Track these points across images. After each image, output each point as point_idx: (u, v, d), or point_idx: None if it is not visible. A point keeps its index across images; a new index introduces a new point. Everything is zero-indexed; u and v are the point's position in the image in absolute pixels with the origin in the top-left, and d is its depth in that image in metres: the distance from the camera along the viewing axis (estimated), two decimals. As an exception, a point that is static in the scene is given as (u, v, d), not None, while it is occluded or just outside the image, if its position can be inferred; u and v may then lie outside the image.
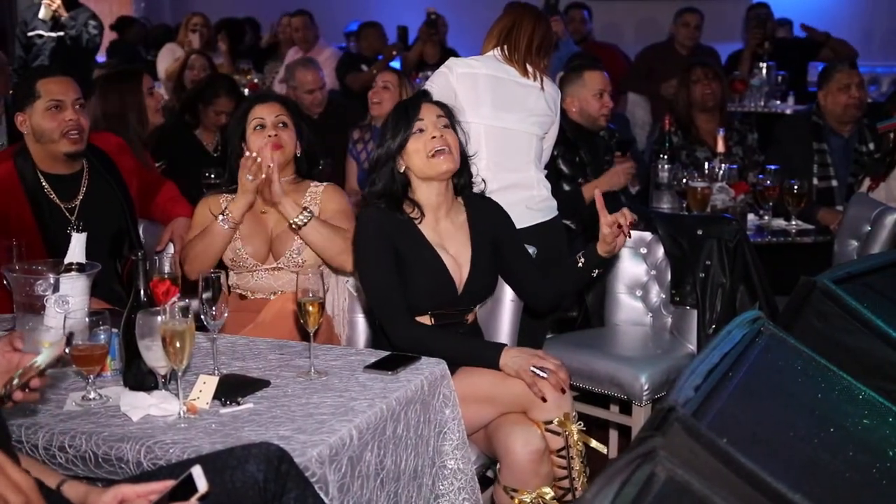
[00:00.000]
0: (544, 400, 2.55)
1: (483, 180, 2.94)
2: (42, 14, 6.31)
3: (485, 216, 2.86)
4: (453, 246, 2.81)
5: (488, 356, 2.63)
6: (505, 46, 3.54)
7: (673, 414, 1.59)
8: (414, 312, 2.72)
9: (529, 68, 3.53)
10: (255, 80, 6.98)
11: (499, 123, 3.46)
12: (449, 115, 2.80)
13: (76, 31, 6.37)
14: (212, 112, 4.70)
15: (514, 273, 2.91)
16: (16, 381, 1.80)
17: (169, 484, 1.72)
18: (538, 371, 2.57)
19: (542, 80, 3.55)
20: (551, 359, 2.62)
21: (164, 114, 4.60)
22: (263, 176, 2.91)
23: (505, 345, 2.70)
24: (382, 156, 2.76)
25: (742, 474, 1.50)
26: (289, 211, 2.92)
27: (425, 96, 2.84)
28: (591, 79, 4.19)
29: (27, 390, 1.82)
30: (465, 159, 2.83)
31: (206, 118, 4.72)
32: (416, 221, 2.77)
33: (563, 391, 2.57)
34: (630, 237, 2.75)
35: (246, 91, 6.51)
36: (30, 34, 6.43)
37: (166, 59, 6.97)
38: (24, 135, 3.13)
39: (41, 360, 1.84)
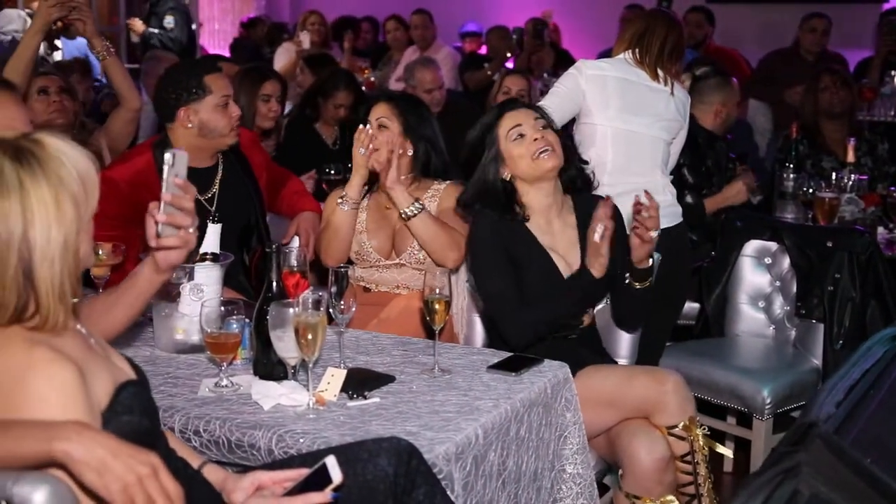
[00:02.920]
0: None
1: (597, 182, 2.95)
2: (133, 38, 6.56)
3: (590, 216, 2.83)
4: (564, 246, 2.81)
5: (582, 278, 2.68)
6: (636, 50, 3.51)
7: (815, 430, 1.55)
8: None
9: (660, 72, 3.50)
10: (372, 79, 7.07)
11: (626, 126, 3.42)
12: (544, 116, 2.84)
13: (158, 24, 6.59)
14: (331, 105, 4.79)
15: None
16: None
17: (303, 472, 1.76)
18: (597, 236, 2.60)
19: (672, 85, 3.52)
20: (599, 226, 2.62)
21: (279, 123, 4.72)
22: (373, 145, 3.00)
23: (582, 265, 2.71)
24: (488, 163, 2.81)
25: (888, 496, 1.46)
26: (400, 200, 2.96)
27: (514, 105, 2.89)
28: (731, 88, 4.21)
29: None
30: (569, 155, 2.84)
31: (325, 112, 4.82)
32: (527, 223, 2.79)
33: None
34: (651, 237, 2.68)
35: (363, 89, 6.62)
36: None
37: (282, 58, 7.11)
38: (167, 127, 3.19)
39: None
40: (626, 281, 2.74)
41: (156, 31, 6.70)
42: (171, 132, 3.17)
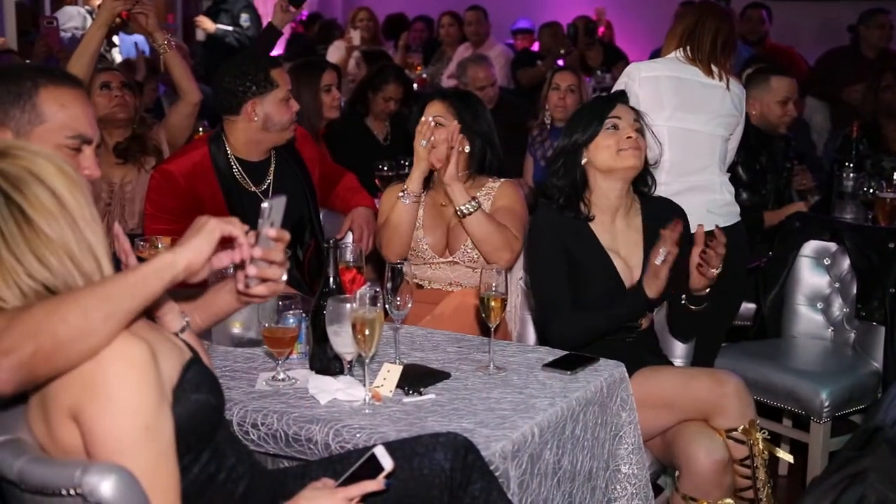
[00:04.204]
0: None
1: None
2: (199, 36, 6.61)
3: (661, 220, 2.81)
4: (625, 248, 2.79)
5: (639, 299, 2.66)
6: (688, 47, 3.45)
7: (880, 434, 1.53)
8: None
9: (714, 68, 3.43)
10: (424, 76, 7.09)
11: (682, 125, 3.38)
12: (640, 120, 2.80)
13: (231, 22, 6.64)
14: (381, 99, 4.81)
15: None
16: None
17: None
18: (659, 260, 2.57)
19: (727, 80, 3.45)
20: (661, 249, 2.58)
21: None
22: (434, 138, 3.00)
23: (639, 282, 2.68)
24: (568, 146, 2.77)
25: (956, 502, 1.43)
26: (457, 196, 2.96)
27: (623, 97, 2.85)
28: (779, 84, 4.09)
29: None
30: (647, 166, 2.82)
31: (375, 106, 4.84)
32: (590, 222, 2.77)
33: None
34: (713, 274, 2.63)
35: (415, 86, 6.63)
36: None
37: (333, 56, 7.16)
38: (226, 120, 3.22)
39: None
40: (682, 302, 2.72)
41: (230, 28, 6.76)
42: (231, 125, 3.20)
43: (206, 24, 6.71)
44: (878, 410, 1.63)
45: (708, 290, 2.69)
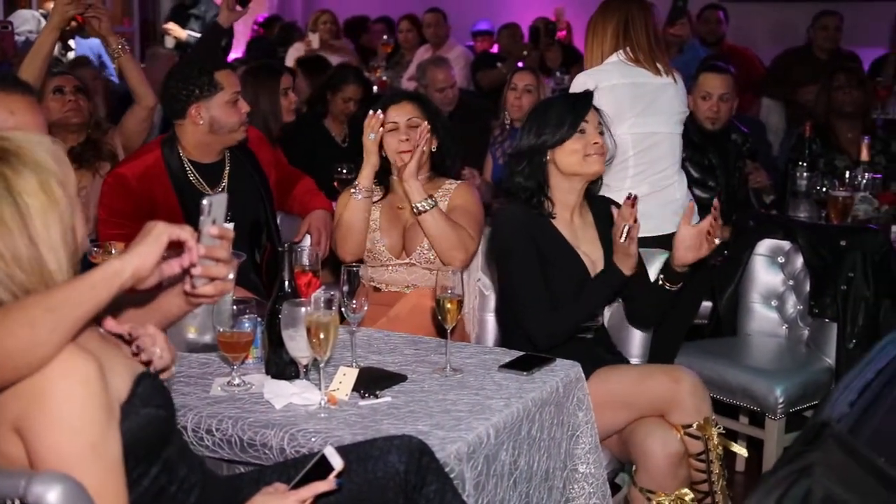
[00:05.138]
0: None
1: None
2: (167, 44, 6.54)
3: (608, 217, 2.83)
4: (586, 244, 2.81)
5: (615, 279, 2.67)
6: (627, 48, 3.37)
7: (828, 429, 1.54)
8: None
9: (659, 66, 3.38)
10: (384, 78, 7.08)
11: (644, 129, 3.35)
12: (604, 122, 2.82)
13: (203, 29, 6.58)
14: (339, 100, 4.80)
15: None
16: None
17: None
18: (623, 238, 2.58)
19: (673, 75, 3.42)
20: (624, 227, 2.60)
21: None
22: (382, 130, 3.00)
23: (611, 264, 2.69)
24: (538, 146, 2.76)
25: (902, 497, 1.45)
26: (414, 194, 2.96)
27: (592, 98, 2.83)
28: (704, 80, 4.13)
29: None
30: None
31: (334, 107, 4.82)
32: (552, 219, 2.78)
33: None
34: (716, 243, 2.65)
35: (375, 89, 6.63)
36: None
37: (292, 58, 7.13)
38: (176, 124, 3.21)
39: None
40: (659, 281, 2.72)
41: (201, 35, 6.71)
42: (181, 128, 3.20)
43: (177, 32, 6.66)
44: (825, 405, 1.65)
45: (686, 270, 2.70)
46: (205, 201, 1.70)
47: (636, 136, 3.34)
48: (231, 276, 1.76)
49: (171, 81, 3.17)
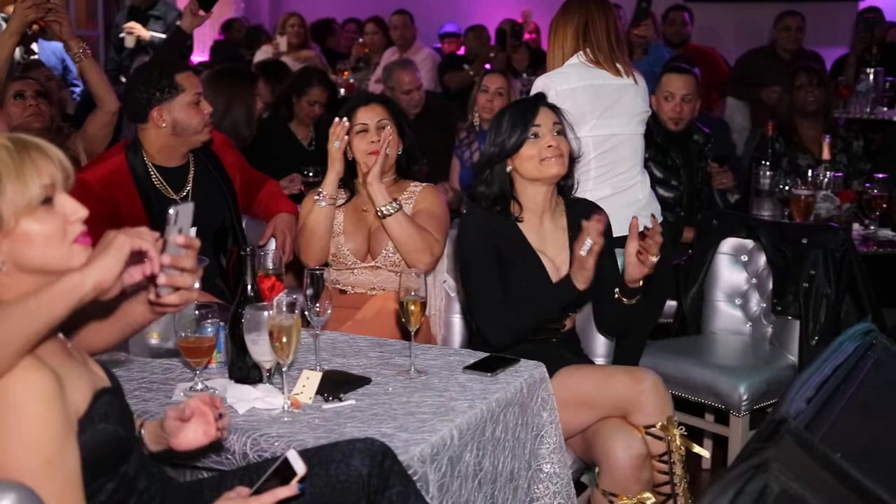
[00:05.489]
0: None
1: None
2: (128, 43, 6.46)
3: (585, 218, 2.84)
4: (553, 248, 2.82)
5: (568, 291, 2.66)
6: (587, 49, 3.35)
7: (785, 426, 1.56)
8: None
9: (619, 66, 3.37)
10: (351, 81, 7.07)
11: (604, 132, 3.34)
12: (562, 121, 2.81)
13: (165, 30, 6.51)
14: (305, 103, 4.78)
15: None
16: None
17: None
18: (584, 250, 2.57)
19: (633, 75, 3.42)
20: (586, 241, 2.59)
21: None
22: (347, 138, 2.98)
23: (567, 275, 2.68)
24: (496, 155, 2.77)
25: (856, 490, 1.47)
26: (378, 197, 2.95)
27: (543, 100, 2.83)
28: (665, 80, 4.15)
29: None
30: (571, 163, 2.84)
31: (299, 110, 4.81)
32: (519, 223, 2.79)
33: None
34: (652, 262, 2.62)
35: (342, 91, 6.61)
36: (120, 35, 6.60)
37: (260, 61, 7.10)
38: (139, 128, 3.19)
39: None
40: (616, 295, 2.73)
41: (164, 36, 6.63)
42: (144, 132, 3.19)
43: (141, 32, 6.58)
44: (783, 402, 1.67)
45: (642, 283, 2.69)
46: (171, 211, 1.69)
47: (597, 139, 3.33)
48: (196, 285, 1.75)
49: (132, 85, 3.16)
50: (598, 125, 3.33)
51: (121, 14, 6.86)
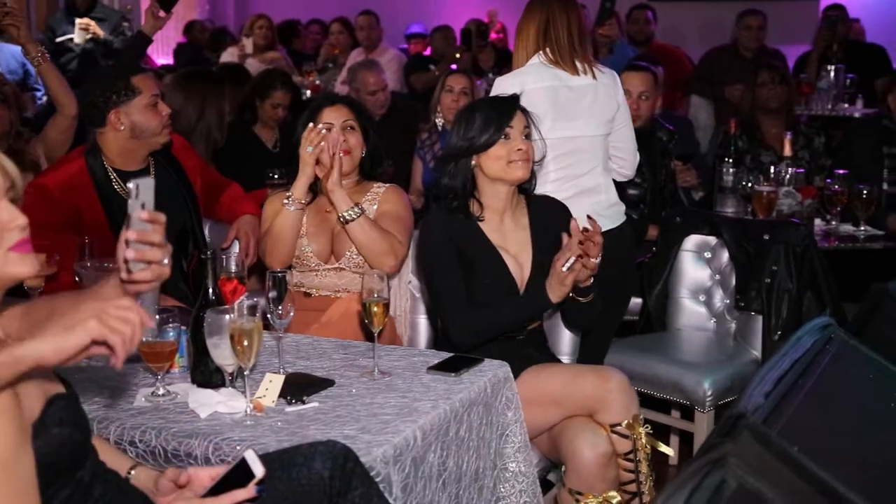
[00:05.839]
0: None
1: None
2: (77, 38, 6.36)
3: (547, 217, 2.85)
4: (515, 247, 2.82)
5: (542, 303, 2.67)
6: (547, 49, 3.31)
7: (743, 421, 1.57)
8: None
9: (579, 64, 3.31)
10: (318, 82, 7.05)
11: (563, 133, 3.26)
12: (531, 124, 2.81)
13: (111, 35, 6.43)
14: (269, 106, 4.77)
15: None
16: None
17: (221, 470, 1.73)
18: (566, 267, 2.57)
19: (592, 72, 3.33)
20: (570, 258, 2.58)
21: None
22: (323, 144, 2.96)
23: (543, 287, 2.67)
24: (464, 149, 2.76)
25: (814, 484, 1.48)
26: (340, 203, 2.94)
27: (518, 102, 2.82)
28: (624, 79, 4.08)
29: None
30: (534, 166, 2.84)
31: (263, 113, 4.79)
32: (480, 222, 2.79)
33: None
34: (593, 264, 2.62)
35: (308, 93, 6.59)
36: (58, 40, 6.49)
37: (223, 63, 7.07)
38: (97, 133, 3.17)
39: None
40: (570, 294, 2.72)
41: (112, 38, 6.54)
42: (102, 136, 3.17)
43: (96, 29, 6.48)
44: (742, 397, 1.68)
45: (592, 281, 2.69)
46: (131, 184, 1.69)
47: (553, 141, 3.17)
48: (166, 260, 1.74)
49: (88, 89, 3.15)
50: (556, 127, 3.23)
51: (55, 18, 6.72)
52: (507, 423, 2.46)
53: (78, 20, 6.30)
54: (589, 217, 2.66)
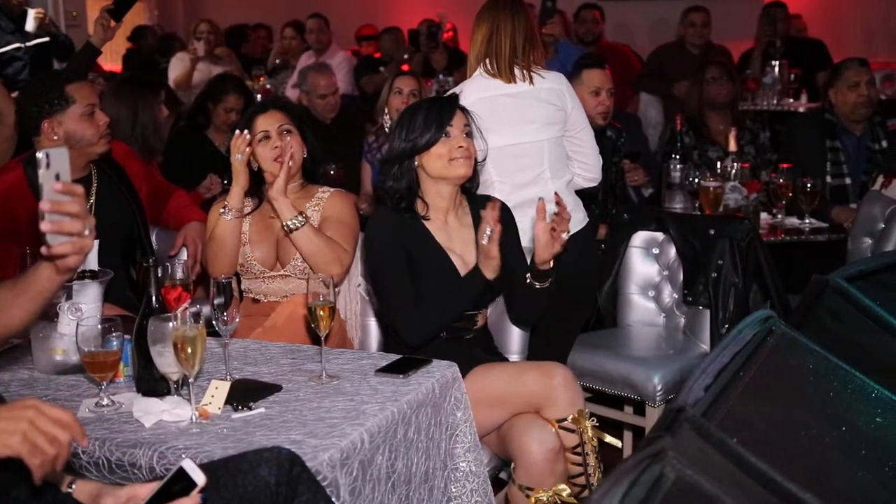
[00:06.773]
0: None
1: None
2: (30, 26, 6.22)
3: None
4: (460, 246, 2.83)
5: (477, 282, 2.69)
6: (487, 60, 3.29)
7: (682, 414, 1.58)
8: None
9: (517, 71, 3.27)
10: (268, 86, 7.02)
11: (501, 142, 3.18)
12: (471, 123, 2.81)
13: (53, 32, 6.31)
14: (221, 110, 4.74)
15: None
16: None
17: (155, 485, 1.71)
18: (486, 239, 2.60)
19: (530, 77, 3.27)
20: (487, 229, 2.61)
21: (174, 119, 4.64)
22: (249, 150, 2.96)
23: (476, 266, 2.70)
24: (407, 150, 2.77)
25: (753, 474, 1.50)
26: (284, 212, 2.93)
27: (457, 101, 2.83)
28: (588, 76, 4.13)
29: None
30: (475, 165, 2.85)
31: (216, 117, 4.77)
32: (426, 221, 2.80)
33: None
34: (563, 238, 2.64)
35: (258, 97, 6.55)
36: (2, 50, 6.36)
37: (177, 67, 7.01)
38: (35, 141, 3.13)
39: None
40: (528, 280, 2.73)
41: (47, 39, 6.41)
42: (38, 145, 3.14)
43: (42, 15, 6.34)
44: (682, 391, 1.70)
45: (552, 266, 2.70)
46: (40, 154, 1.63)
47: (493, 151, 3.04)
48: (87, 231, 1.69)
49: (24, 98, 3.12)
50: (498, 135, 3.14)
51: None
52: (457, 423, 2.47)
53: (31, 10, 6.16)
54: (556, 193, 2.67)
